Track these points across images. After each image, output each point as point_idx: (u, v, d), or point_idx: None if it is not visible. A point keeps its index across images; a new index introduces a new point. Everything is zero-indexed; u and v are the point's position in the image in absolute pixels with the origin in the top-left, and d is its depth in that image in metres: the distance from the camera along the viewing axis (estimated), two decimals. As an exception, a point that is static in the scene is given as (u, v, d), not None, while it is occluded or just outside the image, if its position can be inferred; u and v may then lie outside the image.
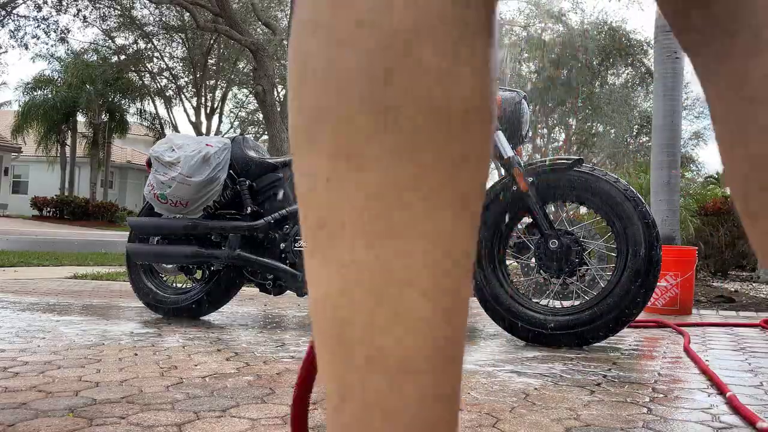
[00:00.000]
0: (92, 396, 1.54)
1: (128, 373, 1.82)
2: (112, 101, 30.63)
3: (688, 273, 3.87)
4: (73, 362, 1.95)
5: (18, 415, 1.37)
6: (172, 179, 2.89)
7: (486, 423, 1.39)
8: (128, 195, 37.82)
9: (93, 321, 2.90)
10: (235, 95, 29.12)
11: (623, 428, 1.37)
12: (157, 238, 3.17)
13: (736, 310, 4.25)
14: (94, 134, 31.50)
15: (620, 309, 2.35)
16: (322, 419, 1.38)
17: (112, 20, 20.88)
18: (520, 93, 2.69)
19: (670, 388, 1.78)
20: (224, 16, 13.58)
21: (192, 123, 26.49)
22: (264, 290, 2.95)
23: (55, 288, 4.52)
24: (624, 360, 2.24)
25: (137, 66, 25.63)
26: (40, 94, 30.70)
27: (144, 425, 1.31)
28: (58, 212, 29.79)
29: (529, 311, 2.49)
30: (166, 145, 2.99)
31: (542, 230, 2.53)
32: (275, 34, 17.01)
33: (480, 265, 2.60)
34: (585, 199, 2.54)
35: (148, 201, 3.08)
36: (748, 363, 2.25)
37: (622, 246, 2.43)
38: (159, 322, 2.95)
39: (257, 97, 13.76)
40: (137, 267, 3.25)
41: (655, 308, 3.84)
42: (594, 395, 1.67)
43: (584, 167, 2.54)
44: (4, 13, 17.09)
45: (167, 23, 22.84)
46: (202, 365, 1.95)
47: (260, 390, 1.64)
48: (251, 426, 1.32)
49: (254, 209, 2.96)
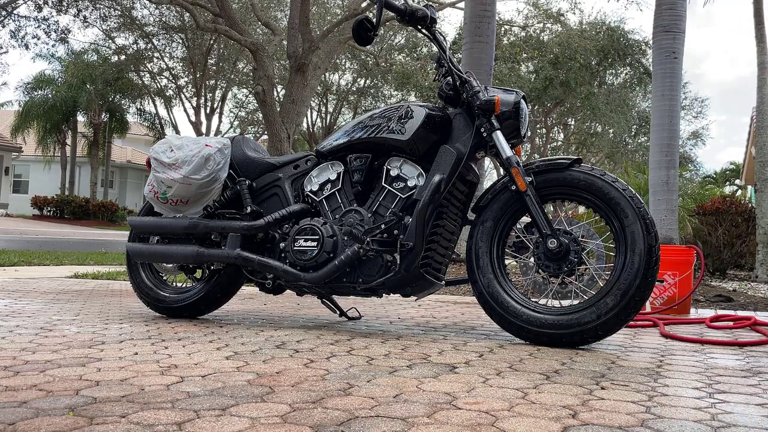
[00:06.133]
0: (92, 395, 1.55)
1: (128, 372, 1.82)
2: (112, 101, 30.63)
3: (687, 272, 3.88)
4: (73, 361, 1.96)
5: (18, 414, 1.38)
6: (172, 180, 2.90)
7: (484, 422, 1.39)
8: (128, 194, 37.81)
9: (93, 320, 2.91)
10: (235, 95, 29.12)
11: (622, 428, 1.37)
12: (157, 237, 3.18)
13: (735, 310, 4.26)
14: (94, 134, 31.50)
15: (619, 308, 2.36)
16: (322, 419, 1.39)
17: (112, 20, 20.84)
18: (518, 93, 2.70)
19: (670, 388, 1.79)
20: (224, 16, 13.58)
21: (192, 123, 26.48)
22: (264, 289, 2.96)
23: (55, 287, 4.53)
24: (623, 359, 2.24)
25: (137, 66, 25.61)
26: (40, 94, 30.72)
27: (144, 424, 1.32)
28: (59, 212, 29.79)
29: (528, 310, 2.50)
30: (165, 146, 2.99)
31: (541, 230, 2.54)
32: (275, 34, 16.99)
33: (479, 264, 2.61)
34: (583, 199, 2.55)
35: (149, 200, 3.09)
36: (746, 362, 2.25)
37: (621, 245, 2.44)
38: (159, 321, 2.95)
39: (257, 97, 13.75)
40: (137, 266, 3.26)
41: (653, 307, 3.85)
42: (593, 394, 1.68)
43: (583, 167, 2.55)
44: (4, 13, 17.09)
45: (167, 23, 22.82)
46: (201, 364, 1.95)
47: (260, 389, 1.65)
48: (251, 425, 1.33)
49: (254, 209, 2.97)
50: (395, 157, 2.76)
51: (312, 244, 2.74)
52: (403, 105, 2.79)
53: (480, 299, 2.62)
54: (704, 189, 12.81)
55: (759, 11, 9.69)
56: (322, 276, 2.71)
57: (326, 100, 28.41)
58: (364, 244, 2.64)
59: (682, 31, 4.96)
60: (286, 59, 17.21)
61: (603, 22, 19.78)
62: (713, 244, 9.46)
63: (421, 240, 2.59)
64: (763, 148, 9.49)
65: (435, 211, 2.65)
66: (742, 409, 1.57)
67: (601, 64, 19.64)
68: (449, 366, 2.03)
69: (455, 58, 3.47)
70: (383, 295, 3.05)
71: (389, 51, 22.80)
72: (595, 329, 2.39)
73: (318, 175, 2.90)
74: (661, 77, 4.96)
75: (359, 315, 3.26)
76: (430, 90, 18.04)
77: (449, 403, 1.54)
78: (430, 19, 2.76)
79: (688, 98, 27.63)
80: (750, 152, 18.27)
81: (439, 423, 1.38)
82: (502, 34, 19.63)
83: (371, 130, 2.77)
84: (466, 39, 5.63)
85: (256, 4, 17.46)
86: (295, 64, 13.26)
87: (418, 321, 3.24)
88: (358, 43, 2.74)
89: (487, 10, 5.60)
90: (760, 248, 9.20)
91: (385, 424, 1.35)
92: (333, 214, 2.82)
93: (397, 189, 2.72)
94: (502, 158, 2.60)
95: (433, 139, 2.71)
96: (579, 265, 2.51)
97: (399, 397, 1.60)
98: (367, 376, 1.84)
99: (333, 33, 15.10)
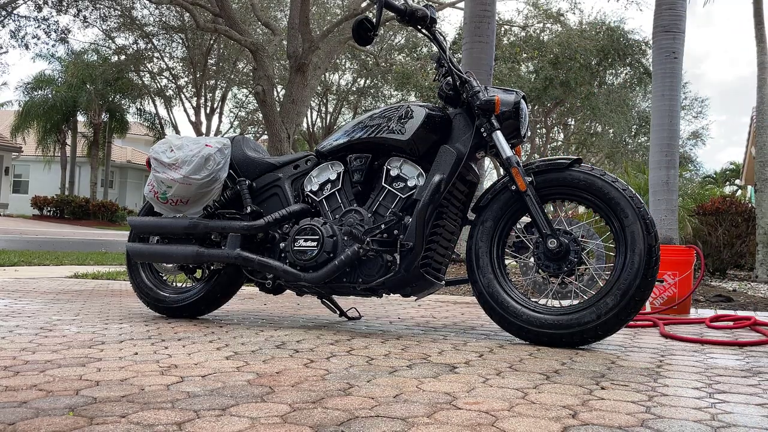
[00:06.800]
0: (92, 395, 1.55)
1: (128, 372, 1.82)
2: (112, 101, 30.63)
3: (686, 272, 3.88)
4: (73, 361, 1.96)
5: (18, 413, 1.38)
6: (172, 180, 2.90)
7: (484, 422, 1.39)
8: (128, 194, 37.82)
9: (93, 320, 2.91)
10: (235, 95, 29.12)
11: (622, 428, 1.37)
12: (157, 237, 3.18)
13: (735, 310, 4.26)
14: (94, 134, 31.51)
15: (619, 308, 2.36)
16: (322, 419, 1.39)
17: (112, 20, 20.84)
18: (518, 93, 2.70)
19: (670, 388, 1.79)
20: (224, 16, 13.58)
21: (192, 123, 26.48)
22: (264, 289, 2.96)
23: (55, 287, 4.53)
24: (623, 359, 2.24)
25: (137, 66, 25.61)
26: (40, 94, 30.72)
27: (144, 424, 1.32)
28: (59, 212, 29.80)
29: (528, 310, 2.50)
30: (166, 146, 2.99)
31: (541, 230, 2.54)
32: (275, 34, 16.99)
33: (479, 264, 2.61)
34: (583, 199, 2.55)
35: (149, 200, 3.09)
36: (746, 362, 2.25)
37: (621, 245, 2.44)
38: (159, 321, 2.95)
39: (257, 97, 13.75)
40: (137, 266, 3.26)
41: (653, 307, 3.85)
42: (592, 394, 1.68)
43: (583, 167, 2.55)
44: (4, 13, 17.09)
45: (167, 23, 22.82)
46: (201, 364, 1.95)
47: (260, 389, 1.65)
48: (251, 425, 1.33)
49: (254, 209, 2.97)
50: (395, 157, 2.76)
51: (312, 244, 2.74)
52: (403, 105, 2.79)
53: (480, 299, 2.62)
54: (704, 189, 12.81)
55: (759, 11, 9.70)
56: (322, 276, 2.71)
57: (326, 100, 28.41)
58: (364, 244, 2.64)
59: (682, 31, 4.96)
60: (286, 59, 17.20)
61: (603, 22, 19.78)
62: (713, 244, 9.46)
63: (421, 240, 2.59)
64: (763, 148, 9.50)
65: (435, 211, 2.65)
66: (742, 409, 1.57)
67: (601, 64, 19.64)
68: (449, 366, 2.03)
69: (455, 58, 3.47)
70: (383, 295, 3.05)
71: (389, 51, 22.80)
72: (595, 329, 2.39)
73: (318, 175, 2.90)
74: (661, 77, 4.96)
75: (359, 315, 3.26)
76: (430, 90, 18.04)
77: (449, 403, 1.54)
78: (430, 19, 2.76)
79: (688, 98, 27.63)
80: (750, 152, 18.27)
81: (439, 423, 1.38)
82: (502, 34, 19.62)
83: (371, 130, 2.77)
84: (466, 39, 5.63)
85: (256, 4, 17.46)
86: (295, 64, 13.26)
87: (418, 321, 3.24)
88: (358, 43, 2.74)
89: (487, 10, 5.60)
90: (760, 248, 9.20)
91: (385, 424, 1.35)
92: (333, 214, 2.82)
93: (397, 189, 2.72)
94: (502, 158, 2.60)
95: (433, 139, 2.71)
96: (579, 265, 2.51)
97: (399, 397, 1.60)
98: (367, 376, 1.84)
99: (333, 33, 15.10)
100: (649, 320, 3.32)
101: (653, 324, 3.23)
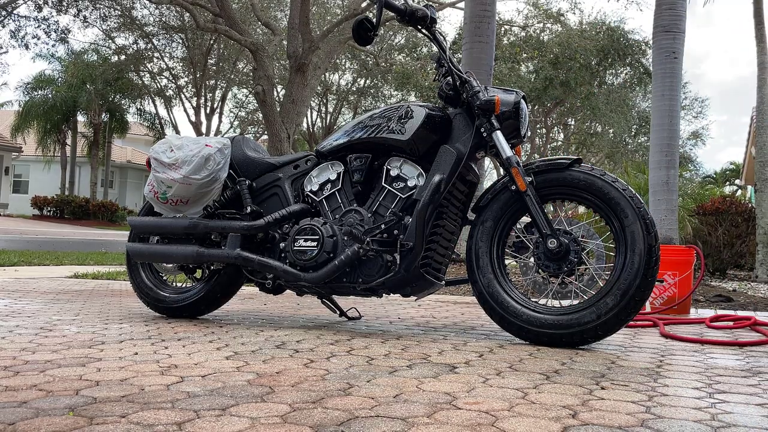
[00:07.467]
0: (92, 395, 1.55)
1: (128, 372, 1.82)
2: (112, 101, 30.63)
3: (686, 272, 3.88)
4: (73, 361, 1.96)
5: (18, 413, 1.38)
6: (172, 180, 2.90)
7: (484, 422, 1.39)
8: (128, 194, 37.82)
9: (93, 320, 2.91)
10: (235, 95, 29.12)
11: (622, 428, 1.37)
12: (157, 237, 3.18)
13: (735, 310, 4.26)
14: (94, 134, 31.51)
15: (619, 308, 2.36)
16: (322, 419, 1.39)
17: (112, 20, 20.85)
18: (518, 93, 2.70)
19: (670, 388, 1.79)
20: (224, 16, 13.58)
21: (192, 123, 26.48)
22: (264, 289, 2.96)
23: (55, 287, 4.53)
24: (623, 359, 2.24)
25: (137, 66, 25.61)
26: (40, 94, 30.72)
27: (144, 424, 1.32)
28: (59, 212, 29.80)
29: (528, 310, 2.50)
30: (166, 146, 2.99)
31: (541, 230, 2.54)
32: (275, 34, 16.99)
33: (479, 264, 2.61)
34: (583, 199, 2.55)
35: (149, 200, 3.09)
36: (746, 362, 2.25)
37: (621, 245, 2.44)
38: (159, 321, 2.95)
39: (257, 97, 13.75)
40: (137, 266, 3.26)
41: (653, 307, 3.85)
42: (592, 394, 1.68)
43: (583, 167, 2.55)
44: (4, 13, 17.09)
45: (167, 23, 22.82)
46: (202, 364, 1.95)
47: (260, 389, 1.65)
48: (251, 425, 1.33)
49: (254, 209, 2.97)
50: (395, 157, 2.76)
51: (312, 244, 2.74)
52: (403, 105, 2.79)
53: (480, 299, 2.62)
54: (704, 189, 12.81)
55: (759, 11, 9.69)
56: (322, 276, 2.71)
57: (326, 100, 28.41)
58: (364, 244, 2.64)
59: (682, 31, 4.96)
60: (286, 59, 17.20)
61: (603, 22, 19.77)
62: (713, 244, 9.46)
63: (421, 240, 2.59)
64: (763, 148, 9.50)
65: (435, 211, 2.65)
66: (742, 409, 1.57)
67: (601, 64, 19.63)
68: (449, 366, 2.03)
69: (455, 58, 3.47)
70: (383, 295, 3.05)
71: (389, 51, 22.80)
72: (595, 329, 2.39)
73: (318, 175, 2.90)
74: (661, 77, 4.96)
75: (359, 315, 3.26)
76: (430, 90, 18.04)
77: (449, 403, 1.54)
78: (430, 19, 2.76)
79: (688, 98, 27.63)
80: (750, 152, 18.27)
81: (439, 423, 1.38)
82: (502, 34, 19.62)
83: (371, 130, 2.77)
84: (466, 39, 5.63)
85: (256, 4, 17.46)
86: (295, 64, 13.26)
87: (418, 321, 3.24)
88: (358, 43, 2.74)
89: (487, 10, 5.60)
90: (760, 248, 9.20)
91: (385, 424, 1.35)
92: (333, 214, 2.82)
93: (397, 189, 2.72)
94: (502, 158, 2.60)
95: (433, 139, 2.71)
96: (579, 265, 2.51)
97: (399, 397, 1.60)
98: (367, 376, 1.84)
99: (333, 33, 15.10)
100: (649, 320, 3.32)
101: (653, 324, 3.23)
